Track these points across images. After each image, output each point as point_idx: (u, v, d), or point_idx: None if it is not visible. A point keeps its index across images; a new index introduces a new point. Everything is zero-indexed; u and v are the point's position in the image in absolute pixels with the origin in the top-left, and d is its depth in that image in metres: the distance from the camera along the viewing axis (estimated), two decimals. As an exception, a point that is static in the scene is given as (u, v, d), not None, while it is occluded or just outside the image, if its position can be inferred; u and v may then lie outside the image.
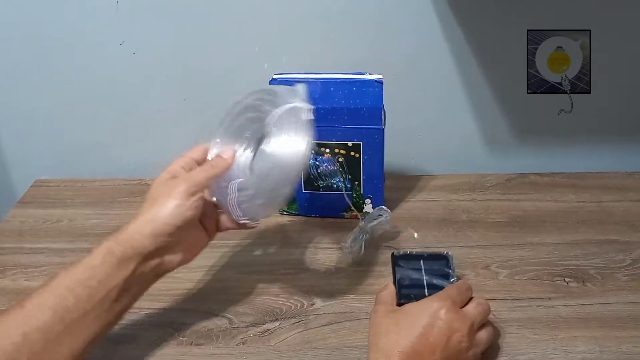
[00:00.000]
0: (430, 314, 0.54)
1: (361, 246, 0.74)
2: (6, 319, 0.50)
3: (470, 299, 0.59)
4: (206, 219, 0.60)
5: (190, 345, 0.62)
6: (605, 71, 0.84)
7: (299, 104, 0.59)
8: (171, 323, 0.64)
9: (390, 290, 0.62)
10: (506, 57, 0.85)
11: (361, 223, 0.76)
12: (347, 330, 0.64)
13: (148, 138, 0.96)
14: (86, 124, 0.95)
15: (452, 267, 0.66)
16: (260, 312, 0.66)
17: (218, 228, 0.62)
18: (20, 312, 0.50)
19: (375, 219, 0.77)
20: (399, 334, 0.54)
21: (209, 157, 0.62)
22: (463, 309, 0.57)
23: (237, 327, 0.64)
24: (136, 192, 0.91)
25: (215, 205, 0.62)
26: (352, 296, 0.69)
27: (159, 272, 0.57)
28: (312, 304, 0.67)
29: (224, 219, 0.62)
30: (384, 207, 0.78)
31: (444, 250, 0.68)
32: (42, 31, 0.86)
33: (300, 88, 0.61)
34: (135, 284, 0.54)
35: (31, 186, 0.93)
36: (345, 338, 0.63)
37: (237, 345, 0.62)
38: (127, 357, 0.57)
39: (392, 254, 0.68)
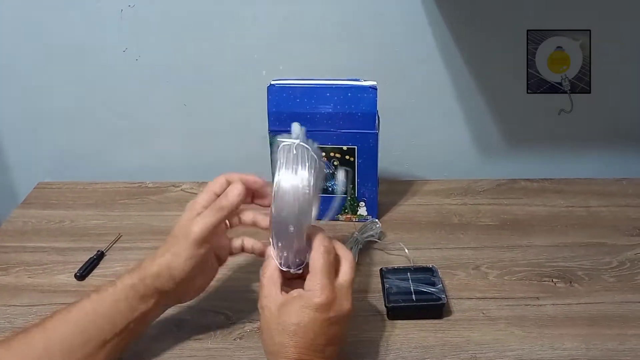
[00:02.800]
0: (316, 311, 0.52)
1: (355, 255, 0.76)
2: (29, 334, 0.53)
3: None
4: (219, 247, 0.63)
5: (189, 340, 0.64)
6: (605, 71, 0.85)
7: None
8: (170, 319, 0.66)
9: (269, 270, 0.57)
10: (506, 57, 0.87)
11: (355, 233, 0.78)
12: (341, 326, 0.65)
13: (149, 142, 0.98)
14: (88, 128, 0.97)
15: (438, 276, 0.69)
16: (257, 309, 0.67)
17: (231, 252, 0.65)
18: (43, 336, 0.53)
19: (368, 231, 0.79)
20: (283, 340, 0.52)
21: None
22: (339, 281, 0.55)
23: (234, 323, 0.66)
24: (136, 195, 0.93)
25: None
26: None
27: (174, 304, 0.62)
28: (307, 302, 0.69)
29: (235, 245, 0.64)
30: (376, 220, 0.81)
31: (429, 264, 0.72)
32: (47, 37, 0.89)
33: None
34: (152, 315, 0.59)
35: (34, 188, 0.95)
36: (339, 334, 0.64)
37: (234, 340, 0.64)
38: (127, 351, 0.59)
39: (381, 269, 0.71)
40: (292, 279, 0.58)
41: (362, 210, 0.84)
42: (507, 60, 0.87)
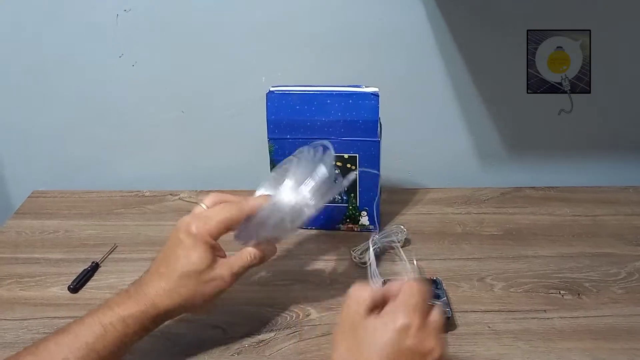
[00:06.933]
0: (397, 332, 0.45)
1: (369, 258, 0.74)
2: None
3: None
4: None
5: (184, 355, 0.62)
6: (605, 71, 0.85)
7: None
8: (165, 333, 0.64)
9: (361, 291, 0.49)
10: (506, 57, 0.86)
11: (375, 237, 0.77)
12: (342, 341, 0.63)
13: (146, 150, 0.97)
14: (84, 138, 0.96)
15: (442, 288, 0.68)
16: (255, 323, 0.66)
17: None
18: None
19: (388, 237, 0.78)
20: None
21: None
22: (429, 319, 0.47)
23: (232, 338, 0.64)
24: (132, 204, 0.91)
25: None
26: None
27: None
28: (307, 315, 0.67)
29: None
30: (402, 226, 0.80)
31: (433, 277, 0.70)
32: (41, 44, 0.87)
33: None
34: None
35: (28, 197, 0.93)
36: (340, 349, 0.63)
37: (231, 355, 0.62)
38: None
39: (383, 281, 0.70)
40: None
41: (364, 220, 0.82)
42: (507, 60, 0.86)
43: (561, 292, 0.71)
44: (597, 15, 0.83)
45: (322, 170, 0.60)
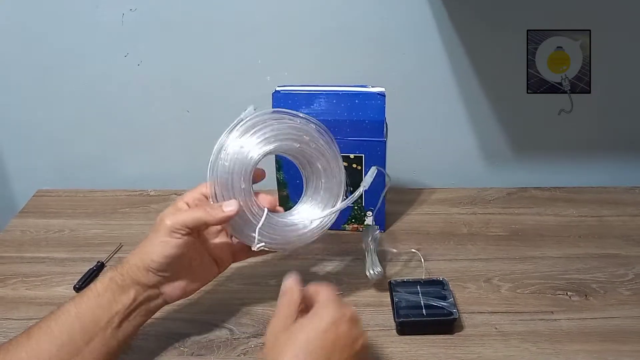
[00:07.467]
0: (330, 324, 0.50)
1: (376, 262, 0.72)
2: (12, 350, 0.51)
3: None
4: (218, 251, 0.61)
5: (191, 355, 0.62)
6: (605, 71, 0.85)
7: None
8: (172, 333, 0.64)
9: (290, 297, 0.53)
10: (506, 57, 0.86)
11: (371, 246, 0.74)
12: (348, 342, 0.63)
13: (151, 149, 0.96)
14: (89, 137, 0.95)
15: (448, 289, 0.67)
16: (262, 323, 0.66)
17: (235, 259, 0.63)
18: (27, 344, 0.52)
19: (369, 235, 0.76)
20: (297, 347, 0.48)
21: (211, 193, 0.60)
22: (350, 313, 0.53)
23: (238, 338, 0.64)
24: (137, 203, 0.91)
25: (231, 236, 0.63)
26: (352, 307, 0.68)
27: (160, 302, 0.59)
28: (314, 316, 0.67)
29: (239, 250, 0.63)
30: (376, 225, 0.78)
31: (439, 277, 0.70)
32: (45, 44, 0.87)
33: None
34: (137, 311, 0.57)
35: (33, 196, 0.93)
36: (346, 350, 0.62)
37: (238, 356, 0.62)
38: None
39: (390, 282, 0.69)
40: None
41: (369, 220, 0.82)
42: (507, 60, 0.86)
43: (568, 293, 0.70)
44: (597, 15, 0.83)
45: (249, 109, 0.60)
